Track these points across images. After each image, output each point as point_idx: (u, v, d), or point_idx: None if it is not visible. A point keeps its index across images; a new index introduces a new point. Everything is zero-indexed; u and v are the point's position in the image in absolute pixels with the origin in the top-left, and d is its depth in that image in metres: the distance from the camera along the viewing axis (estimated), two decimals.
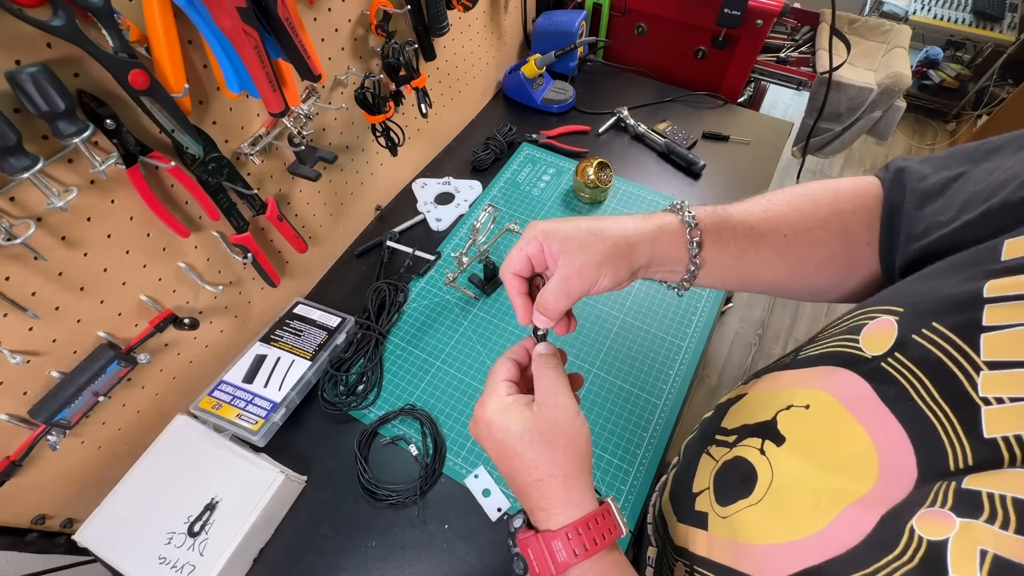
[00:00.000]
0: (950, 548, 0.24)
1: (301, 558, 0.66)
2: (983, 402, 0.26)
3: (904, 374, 0.30)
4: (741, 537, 0.37)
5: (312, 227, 0.86)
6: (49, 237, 0.51)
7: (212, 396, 0.73)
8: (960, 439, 0.26)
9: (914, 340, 0.30)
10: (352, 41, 0.76)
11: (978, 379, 0.26)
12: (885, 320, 0.32)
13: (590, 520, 0.35)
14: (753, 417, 0.41)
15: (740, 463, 0.39)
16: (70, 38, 0.42)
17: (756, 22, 1.12)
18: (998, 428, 0.25)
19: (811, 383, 0.37)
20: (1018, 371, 0.25)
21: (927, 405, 0.28)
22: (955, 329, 0.28)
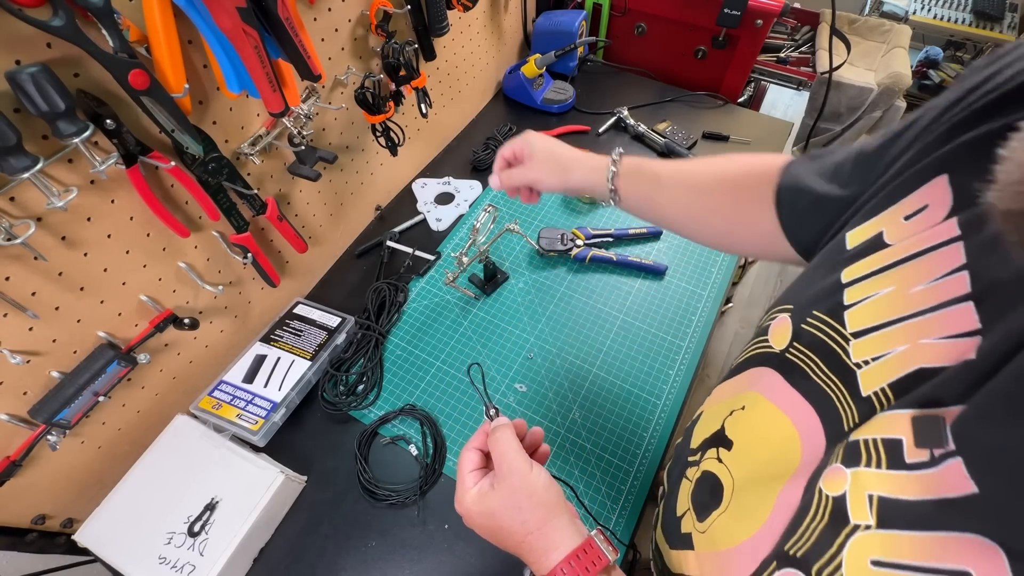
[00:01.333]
0: (848, 499, 0.27)
1: (301, 558, 0.66)
2: (856, 367, 0.31)
3: (802, 359, 0.35)
4: (719, 546, 0.39)
5: (312, 227, 0.86)
6: (49, 237, 0.51)
7: (212, 396, 0.73)
8: (847, 402, 0.31)
9: (803, 329, 0.35)
10: (352, 41, 0.76)
11: (849, 349, 0.31)
12: (782, 318, 0.38)
13: (572, 557, 0.39)
14: (709, 430, 0.45)
15: (707, 477, 0.43)
16: (70, 38, 0.42)
17: (756, 22, 1.12)
18: (870, 385, 0.29)
19: (744, 386, 0.41)
20: (874, 335, 0.30)
21: (822, 380, 0.33)
22: (827, 313, 0.34)
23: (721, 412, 0.44)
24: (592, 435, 0.74)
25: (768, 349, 0.39)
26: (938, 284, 0.28)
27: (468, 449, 0.47)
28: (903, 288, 0.30)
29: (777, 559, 0.32)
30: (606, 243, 0.95)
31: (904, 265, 0.30)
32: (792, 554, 0.31)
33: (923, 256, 0.29)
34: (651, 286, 0.90)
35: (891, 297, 0.30)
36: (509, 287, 0.91)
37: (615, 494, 0.69)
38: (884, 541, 0.25)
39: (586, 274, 0.92)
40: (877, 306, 0.31)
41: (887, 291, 0.30)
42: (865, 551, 0.26)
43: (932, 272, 0.28)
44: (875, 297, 0.31)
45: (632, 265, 0.91)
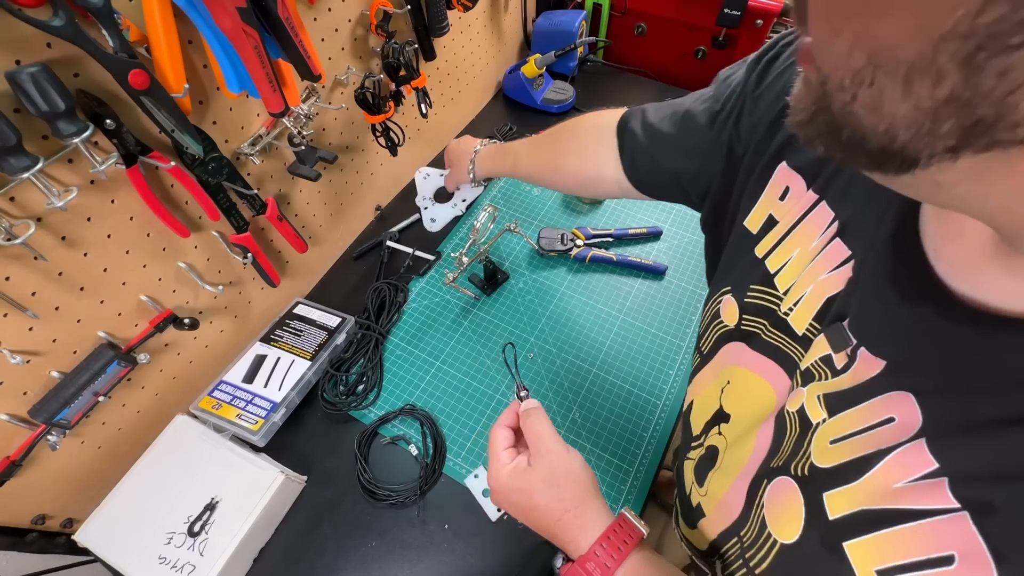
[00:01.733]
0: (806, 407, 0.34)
1: (301, 558, 0.66)
2: (786, 315, 0.38)
3: (753, 324, 0.41)
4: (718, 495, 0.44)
5: (312, 227, 0.86)
6: (49, 237, 0.51)
7: (212, 396, 0.73)
8: (793, 346, 0.37)
9: (747, 302, 0.42)
10: (352, 41, 0.76)
11: (781, 304, 0.38)
12: (727, 299, 0.45)
13: (610, 532, 0.40)
14: (708, 413, 0.48)
15: (709, 450, 0.47)
16: (70, 38, 0.42)
17: (756, 22, 1.12)
18: (800, 325, 0.36)
19: (722, 364, 0.46)
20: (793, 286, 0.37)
21: (771, 337, 0.39)
22: (761, 282, 0.41)
23: (714, 394, 0.47)
24: (592, 435, 0.74)
25: (725, 328, 0.45)
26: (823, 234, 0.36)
27: (500, 427, 0.48)
28: (804, 246, 0.37)
29: (767, 476, 0.37)
30: (606, 243, 0.95)
31: (797, 229, 0.38)
32: (775, 466, 0.36)
33: (804, 219, 0.38)
34: (651, 286, 0.90)
35: (800, 255, 0.38)
36: (509, 287, 0.91)
37: (615, 494, 0.69)
38: (836, 423, 0.31)
39: (586, 274, 0.92)
40: (794, 264, 0.38)
41: (796, 252, 0.38)
42: (824, 436, 0.32)
43: (817, 228, 0.36)
44: (792, 259, 0.38)
45: (632, 265, 0.91)
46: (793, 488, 0.33)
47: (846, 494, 0.29)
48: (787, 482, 0.34)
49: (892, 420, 0.28)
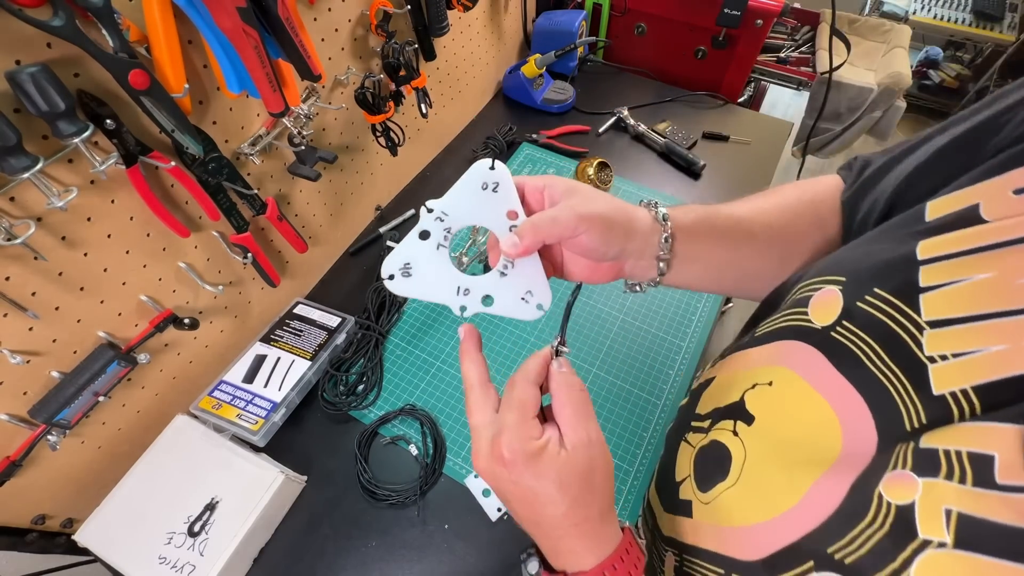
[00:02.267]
0: (917, 510, 0.24)
1: (301, 558, 0.66)
2: (929, 360, 0.26)
3: (854, 341, 0.31)
4: (723, 521, 0.37)
5: (312, 227, 0.86)
6: (49, 237, 0.51)
7: (212, 396, 0.73)
8: (912, 399, 0.27)
9: (859, 307, 0.31)
10: (352, 41, 0.76)
11: (922, 339, 0.27)
12: (829, 290, 0.33)
13: (621, 553, 0.34)
14: (723, 400, 0.41)
15: (716, 447, 0.40)
16: (70, 38, 0.42)
17: (756, 22, 1.12)
18: (945, 384, 0.26)
19: (771, 359, 0.37)
20: (958, 327, 0.26)
21: (879, 369, 0.29)
22: (895, 293, 0.29)
23: (740, 383, 0.40)
24: None
25: (806, 323, 0.34)
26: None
27: (531, 383, 0.35)
28: (1007, 276, 0.25)
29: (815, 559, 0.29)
30: None
31: (1012, 248, 0.25)
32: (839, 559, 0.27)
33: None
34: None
35: (988, 285, 0.26)
36: None
37: (615, 494, 0.69)
38: (965, 565, 0.22)
39: None
40: (967, 293, 0.26)
41: (983, 277, 0.26)
42: (939, 572, 0.23)
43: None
44: (965, 282, 0.26)
45: None
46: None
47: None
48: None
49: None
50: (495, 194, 0.39)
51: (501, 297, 0.39)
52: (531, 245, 0.37)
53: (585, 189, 0.39)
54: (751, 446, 0.36)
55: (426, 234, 0.39)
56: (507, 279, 0.40)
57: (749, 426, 0.37)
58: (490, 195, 0.39)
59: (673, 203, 0.44)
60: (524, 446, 0.33)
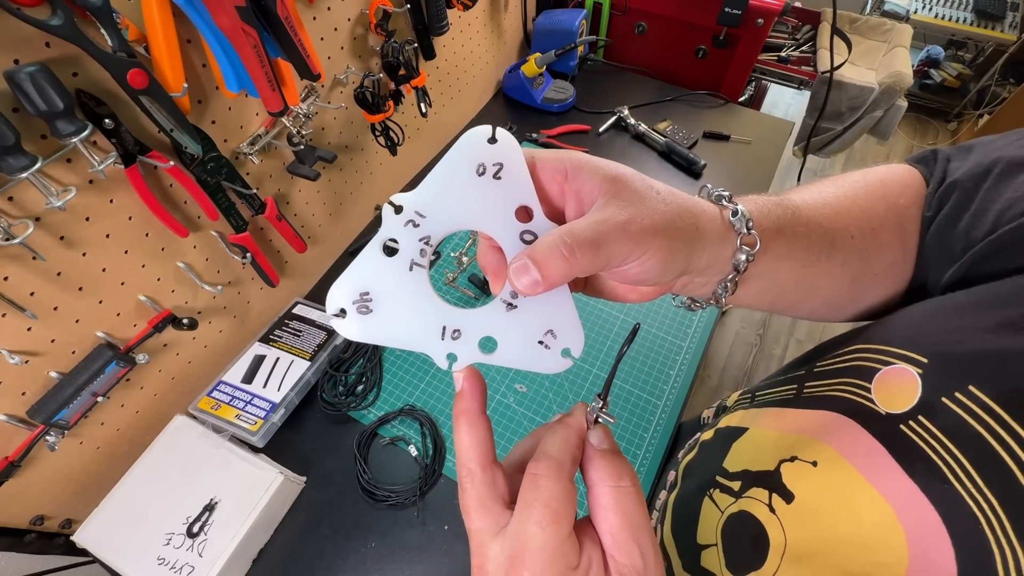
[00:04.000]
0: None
1: (300, 559, 0.66)
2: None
3: (934, 447, 0.24)
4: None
5: (311, 227, 0.86)
6: (48, 237, 0.51)
7: (211, 396, 0.73)
8: (1010, 540, 0.21)
9: (944, 405, 0.24)
10: (351, 40, 0.76)
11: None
12: (903, 370, 0.26)
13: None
14: (756, 463, 0.36)
15: (748, 519, 0.34)
16: (69, 37, 0.42)
17: (757, 21, 1.11)
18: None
19: (816, 432, 0.31)
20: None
21: (967, 491, 0.23)
22: (999, 399, 0.22)
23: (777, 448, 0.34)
24: None
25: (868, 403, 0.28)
26: None
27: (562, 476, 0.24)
28: None
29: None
30: None
31: None
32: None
33: None
34: None
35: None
36: None
37: None
38: None
39: None
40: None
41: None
42: None
43: None
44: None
45: None
46: None
47: None
48: None
49: None
50: (497, 181, 0.26)
51: (508, 340, 0.27)
52: (557, 280, 0.24)
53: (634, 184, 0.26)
54: (792, 533, 0.30)
55: (393, 249, 0.26)
56: (517, 314, 0.27)
57: (788, 504, 0.31)
58: (489, 183, 0.26)
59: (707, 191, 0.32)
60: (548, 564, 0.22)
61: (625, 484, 0.24)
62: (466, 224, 0.26)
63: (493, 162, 0.25)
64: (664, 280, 0.27)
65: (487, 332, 0.27)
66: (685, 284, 0.30)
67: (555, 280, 0.24)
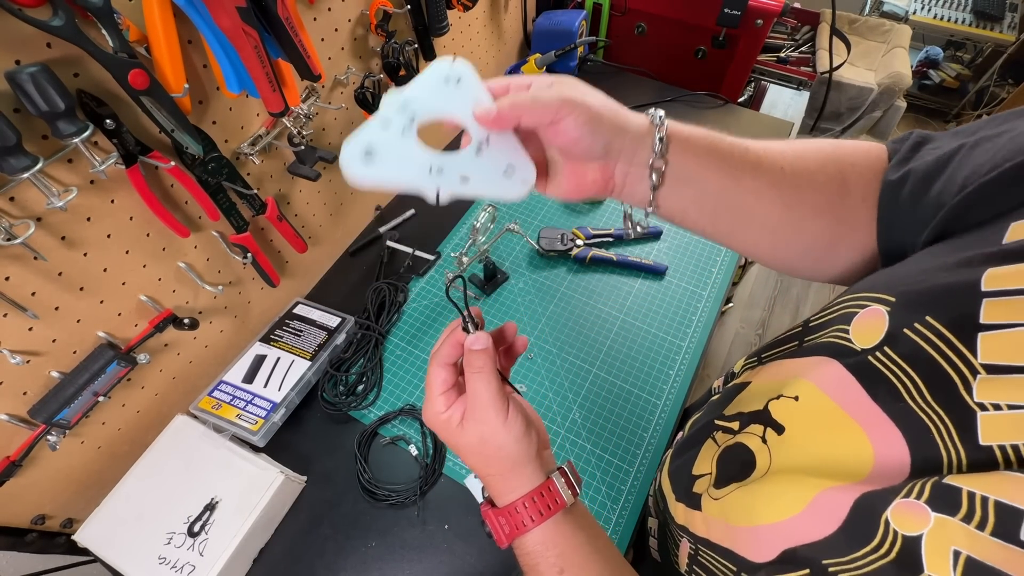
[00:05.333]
0: (924, 545, 0.23)
1: (301, 558, 0.66)
2: (979, 408, 0.24)
3: (895, 372, 0.28)
4: (731, 519, 0.37)
5: (312, 227, 0.86)
6: (49, 237, 0.51)
7: (212, 396, 0.73)
8: (955, 444, 0.25)
9: (905, 335, 0.28)
10: (352, 41, 0.76)
11: (974, 383, 0.24)
12: (876, 310, 0.30)
13: (529, 498, 0.38)
14: (748, 406, 0.41)
15: (741, 449, 0.39)
16: (70, 38, 0.42)
17: (756, 22, 1.12)
18: (994, 436, 0.23)
19: (802, 374, 0.35)
20: (1018, 377, 0.23)
21: (920, 407, 0.27)
22: (949, 325, 0.26)
23: (766, 392, 0.39)
24: (592, 435, 0.74)
25: (846, 342, 0.32)
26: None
27: (440, 365, 0.38)
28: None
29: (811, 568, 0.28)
30: (606, 243, 0.95)
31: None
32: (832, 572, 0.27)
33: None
34: (651, 286, 0.90)
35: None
36: (509, 287, 0.91)
37: (615, 494, 0.69)
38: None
39: (586, 274, 0.92)
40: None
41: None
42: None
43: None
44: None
45: (632, 265, 0.91)
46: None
47: None
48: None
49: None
50: (459, 87, 0.35)
51: (479, 175, 0.36)
52: (508, 116, 0.34)
53: (576, 80, 0.35)
54: (779, 456, 0.35)
55: (388, 122, 0.36)
56: (483, 156, 0.36)
57: (779, 435, 0.36)
58: (455, 88, 0.35)
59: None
60: (432, 418, 0.39)
61: (473, 376, 0.37)
62: (438, 108, 0.36)
63: (455, 76, 0.35)
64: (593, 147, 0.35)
65: (463, 171, 0.36)
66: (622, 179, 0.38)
67: (506, 114, 0.34)
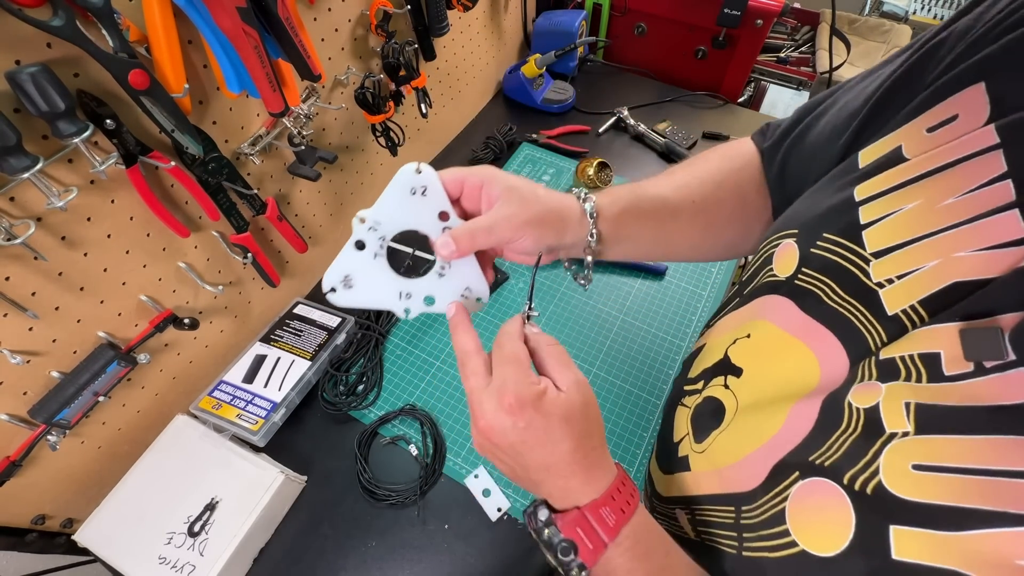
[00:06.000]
0: (882, 409, 0.27)
1: (301, 558, 0.66)
2: (878, 287, 0.30)
3: (814, 283, 0.34)
4: (720, 463, 0.39)
5: (312, 227, 0.86)
6: (49, 237, 0.51)
7: (212, 396, 0.73)
8: (872, 323, 0.30)
9: (813, 253, 0.34)
10: (352, 41, 0.76)
11: (869, 269, 0.31)
12: (787, 244, 0.37)
13: (618, 484, 0.36)
14: (710, 360, 0.44)
15: (710, 401, 0.42)
16: (70, 38, 0.42)
17: (756, 22, 1.12)
18: (896, 304, 0.29)
19: (749, 316, 0.40)
20: (897, 253, 0.30)
21: (838, 304, 0.32)
22: (841, 233, 0.33)
23: (723, 343, 0.42)
24: None
25: (773, 277, 0.37)
26: (974, 195, 0.27)
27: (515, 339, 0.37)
28: (931, 202, 0.28)
29: (800, 469, 0.31)
30: None
31: (931, 178, 0.29)
32: (819, 464, 0.30)
33: (954, 167, 0.28)
34: (651, 286, 0.90)
35: (916, 212, 0.29)
36: (509, 287, 0.91)
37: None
38: (926, 445, 0.25)
39: None
40: (900, 222, 0.30)
41: (911, 206, 0.29)
42: (905, 456, 0.26)
43: (966, 183, 0.27)
44: (898, 213, 0.30)
45: (632, 265, 0.91)
46: (841, 499, 0.28)
47: (928, 541, 0.24)
48: (832, 488, 0.29)
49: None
50: (424, 197, 0.39)
51: (441, 296, 0.41)
52: (465, 250, 0.38)
53: (522, 190, 0.40)
54: (741, 395, 0.39)
55: (361, 244, 0.40)
56: (445, 279, 0.41)
57: (739, 378, 0.40)
58: (420, 199, 0.39)
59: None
60: (529, 390, 0.34)
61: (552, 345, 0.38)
62: (407, 225, 0.40)
63: (420, 185, 0.39)
64: (540, 251, 0.41)
65: (428, 292, 0.41)
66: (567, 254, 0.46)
67: (465, 249, 0.38)
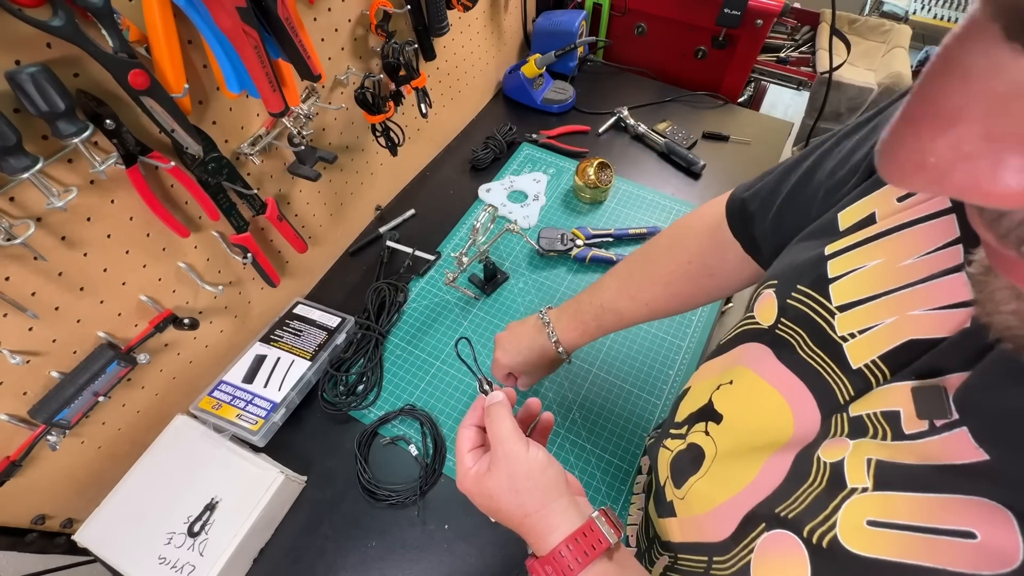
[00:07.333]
0: (846, 464, 0.28)
1: (301, 558, 0.66)
2: (842, 340, 0.31)
3: (790, 334, 0.35)
4: (697, 510, 0.41)
5: (312, 227, 0.86)
6: (49, 237, 0.51)
7: (212, 396, 0.73)
8: (839, 375, 0.31)
9: (788, 304, 0.35)
10: (352, 41, 0.76)
11: (834, 322, 0.32)
12: (767, 293, 0.38)
13: (572, 539, 0.38)
14: (695, 405, 0.46)
15: (691, 448, 0.44)
16: (70, 38, 0.42)
17: (756, 22, 1.12)
18: (859, 358, 0.30)
19: (732, 362, 0.42)
20: (859, 308, 0.30)
21: (808, 355, 0.33)
22: (811, 286, 0.34)
23: (709, 387, 0.44)
24: (592, 435, 0.74)
25: (756, 325, 0.39)
26: (928, 258, 0.28)
27: (465, 427, 0.45)
28: (891, 261, 0.30)
29: (766, 520, 0.33)
30: (606, 243, 0.95)
31: (892, 236, 0.30)
32: (783, 516, 0.31)
33: (913, 227, 0.29)
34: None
35: (878, 269, 0.30)
36: (509, 287, 0.91)
37: (615, 494, 0.69)
38: (881, 502, 0.26)
39: (586, 274, 0.92)
40: (862, 279, 0.31)
41: (874, 263, 0.30)
42: (861, 512, 0.27)
43: (922, 245, 0.28)
44: (861, 270, 0.31)
45: None
46: (799, 552, 0.29)
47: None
48: (792, 542, 0.29)
49: (972, 536, 0.22)
50: None
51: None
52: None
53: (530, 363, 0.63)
54: (721, 442, 0.40)
55: None
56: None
57: (719, 424, 0.41)
58: None
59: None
60: (462, 477, 0.43)
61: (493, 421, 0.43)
62: None
63: None
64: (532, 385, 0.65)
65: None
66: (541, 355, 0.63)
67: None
